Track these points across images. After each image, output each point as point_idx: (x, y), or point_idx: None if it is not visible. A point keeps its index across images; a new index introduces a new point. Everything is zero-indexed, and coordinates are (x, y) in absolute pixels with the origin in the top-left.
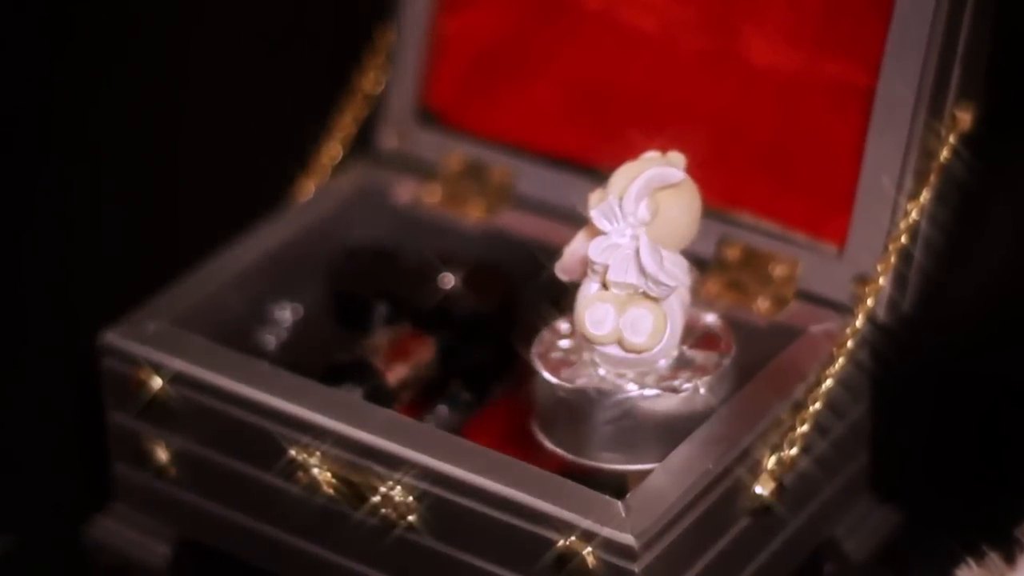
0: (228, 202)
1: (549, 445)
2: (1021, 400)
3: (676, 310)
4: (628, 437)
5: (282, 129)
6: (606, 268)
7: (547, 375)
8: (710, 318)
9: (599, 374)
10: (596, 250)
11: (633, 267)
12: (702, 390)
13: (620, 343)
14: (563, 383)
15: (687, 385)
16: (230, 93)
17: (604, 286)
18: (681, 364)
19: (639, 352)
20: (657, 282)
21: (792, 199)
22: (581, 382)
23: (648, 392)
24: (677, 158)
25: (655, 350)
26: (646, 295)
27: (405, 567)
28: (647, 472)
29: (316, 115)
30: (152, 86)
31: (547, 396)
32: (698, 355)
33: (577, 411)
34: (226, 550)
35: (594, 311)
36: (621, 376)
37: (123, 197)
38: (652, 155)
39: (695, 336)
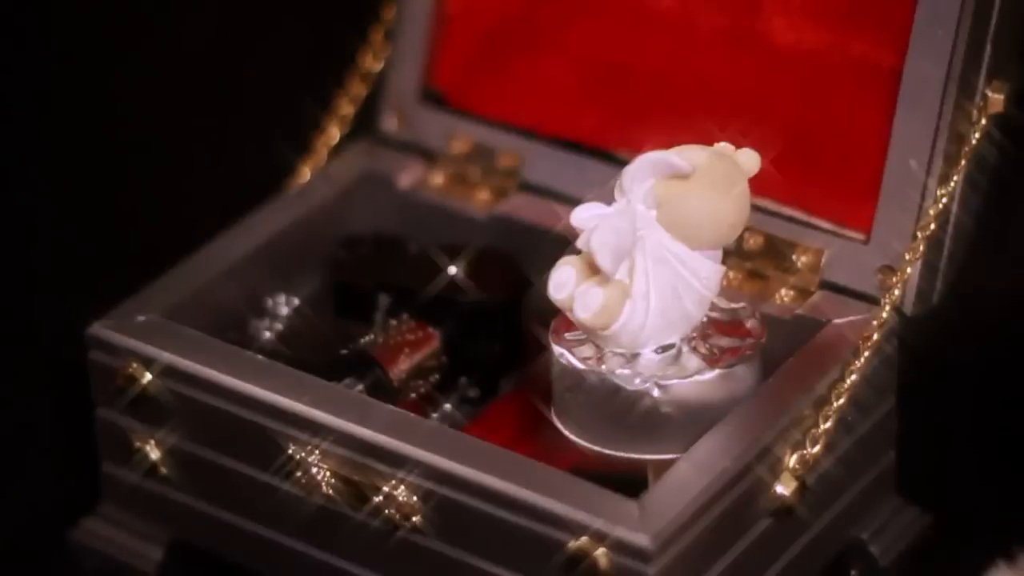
0: (223, 188)
1: (553, 420)
2: None
3: (650, 300)
4: (623, 424)
5: (280, 111)
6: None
7: (557, 349)
8: (754, 329)
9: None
10: (579, 214)
11: None
12: (655, 392)
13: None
14: (560, 356)
15: (641, 384)
16: (226, 74)
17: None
18: (670, 362)
19: (587, 328)
20: (594, 258)
21: (816, 185)
22: (569, 357)
23: (606, 375)
24: (749, 158)
25: (610, 331)
26: None
27: (409, 570)
28: (664, 464)
29: (315, 96)
30: (147, 71)
31: (554, 373)
32: (691, 360)
33: (568, 386)
34: (220, 553)
35: (559, 273)
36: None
37: (115, 185)
38: (723, 147)
39: (717, 344)
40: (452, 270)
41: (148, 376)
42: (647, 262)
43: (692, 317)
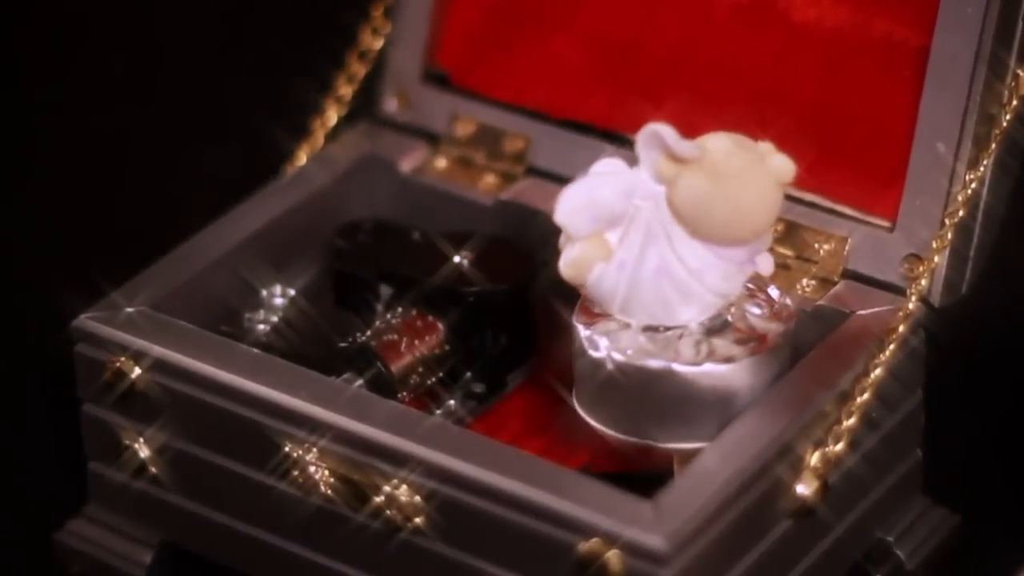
0: (215, 173)
1: (573, 402)
2: None
3: (626, 270)
4: (591, 389)
5: (275, 92)
6: None
7: (578, 325)
8: (771, 340)
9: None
10: (594, 167)
11: None
12: (608, 365)
13: None
14: (578, 325)
15: (602, 351)
16: (220, 53)
17: None
18: (650, 342)
19: (565, 278)
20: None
21: (839, 170)
22: (576, 315)
23: (585, 332)
24: (780, 164)
25: (586, 288)
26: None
27: (411, 574)
28: (688, 453)
29: (312, 76)
30: (140, 53)
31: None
32: (667, 348)
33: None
34: (213, 556)
35: None
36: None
37: (104, 171)
38: (761, 145)
39: (716, 346)
40: (457, 259)
41: (137, 371)
42: (637, 233)
43: (676, 306)
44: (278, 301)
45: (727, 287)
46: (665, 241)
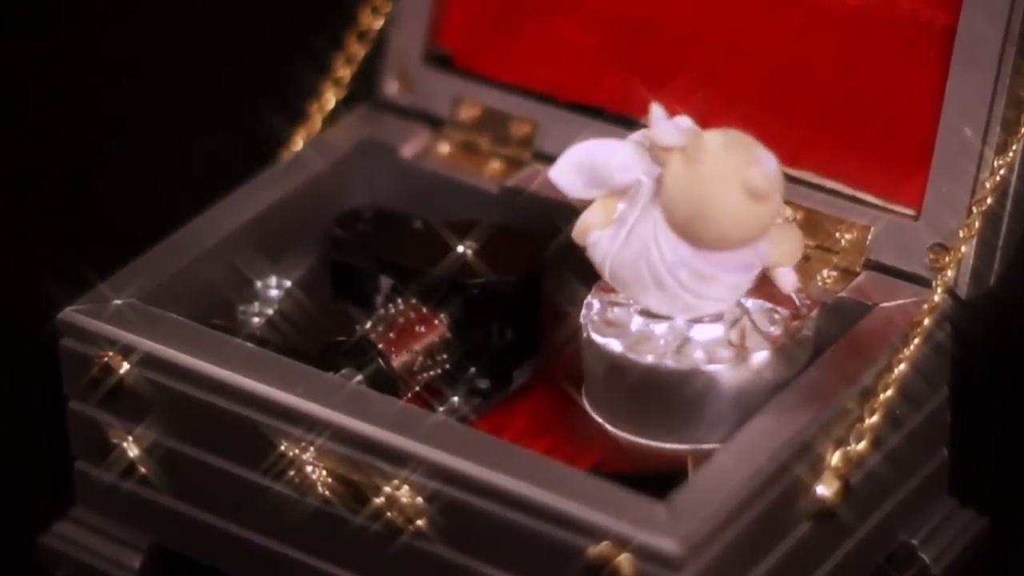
0: (208, 159)
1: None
2: None
3: (617, 242)
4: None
5: (270, 74)
6: None
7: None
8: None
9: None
10: (632, 136)
11: None
12: (584, 331)
13: None
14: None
15: (587, 321)
16: (213, 34)
17: None
18: (638, 324)
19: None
20: None
21: (861, 155)
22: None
23: (589, 298)
24: (758, 175)
25: (587, 246)
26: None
27: None
28: (704, 454)
29: (309, 57)
30: (132, 35)
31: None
32: (644, 335)
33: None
34: (205, 560)
35: None
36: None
37: (93, 157)
38: (762, 153)
39: (698, 352)
40: (460, 249)
41: (125, 366)
42: (634, 209)
43: (649, 292)
44: (273, 293)
45: (703, 290)
46: (652, 225)
